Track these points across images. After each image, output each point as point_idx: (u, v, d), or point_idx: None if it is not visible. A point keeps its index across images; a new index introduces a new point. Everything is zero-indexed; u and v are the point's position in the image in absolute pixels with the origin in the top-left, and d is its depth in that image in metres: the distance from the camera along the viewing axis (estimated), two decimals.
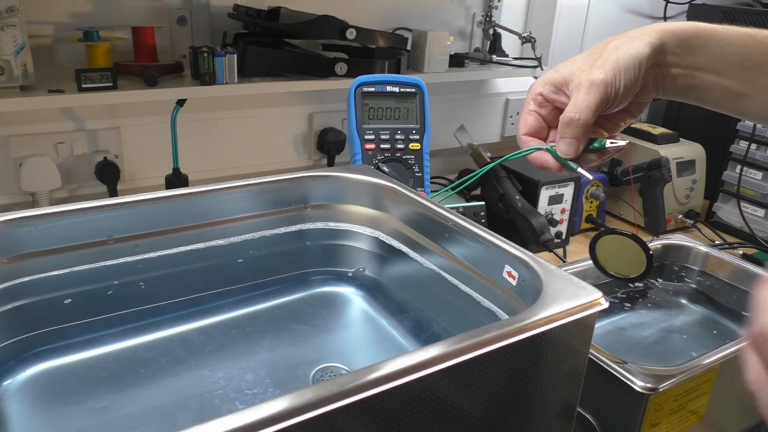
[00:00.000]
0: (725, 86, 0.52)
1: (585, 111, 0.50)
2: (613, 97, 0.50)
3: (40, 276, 0.59)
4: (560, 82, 0.53)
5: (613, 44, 0.51)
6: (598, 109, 0.50)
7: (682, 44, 0.52)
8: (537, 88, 0.54)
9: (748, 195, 1.18)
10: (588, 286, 0.48)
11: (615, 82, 0.50)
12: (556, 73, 0.53)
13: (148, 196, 0.63)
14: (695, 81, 0.53)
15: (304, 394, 0.34)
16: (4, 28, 0.79)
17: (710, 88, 0.52)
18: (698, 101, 0.55)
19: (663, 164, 1.11)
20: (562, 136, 0.52)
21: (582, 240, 1.15)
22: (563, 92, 0.53)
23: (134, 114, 1.00)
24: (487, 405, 0.43)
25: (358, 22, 1.01)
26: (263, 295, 0.72)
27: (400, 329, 0.68)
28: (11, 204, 0.94)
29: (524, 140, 0.55)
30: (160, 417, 0.55)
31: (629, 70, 0.50)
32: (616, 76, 0.49)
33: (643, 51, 0.50)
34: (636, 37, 0.51)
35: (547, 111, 0.55)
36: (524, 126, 0.55)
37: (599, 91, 0.49)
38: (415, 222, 0.68)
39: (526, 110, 0.55)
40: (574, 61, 0.53)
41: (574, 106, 0.50)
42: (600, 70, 0.50)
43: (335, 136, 1.15)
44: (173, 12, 0.98)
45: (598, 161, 0.53)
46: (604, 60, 0.50)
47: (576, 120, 0.50)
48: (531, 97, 0.55)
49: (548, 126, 0.55)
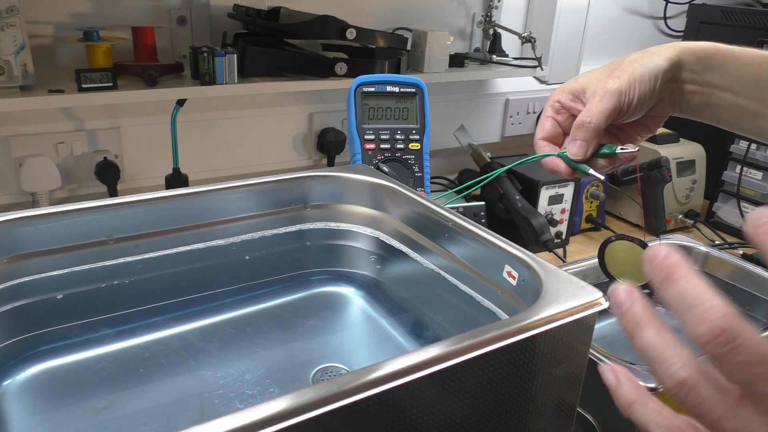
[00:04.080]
0: (741, 105, 0.53)
1: (597, 116, 0.51)
2: (626, 107, 0.52)
3: (40, 276, 0.59)
4: (578, 90, 0.55)
5: (631, 57, 0.53)
6: (611, 116, 0.51)
7: (699, 62, 0.53)
8: (556, 95, 0.57)
9: (748, 195, 1.18)
10: (588, 286, 0.48)
11: (629, 92, 0.51)
12: (574, 82, 0.55)
13: (148, 196, 0.63)
14: (712, 99, 0.54)
15: (304, 394, 0.34)
16: (4, 28, 0.79)
17: (726, 107, 0.54)
18: (714, 120, 0.56)
19: (663, 164, 1.11)
20: (573, 138, 0.53)
21: (582, 240, 1.15)
22: (580, 100, 0.55)
23: (134, 114, 1.00)
24: (487, 405, 0.43)
25: (358, 22, 1.01)
26: (263, 295, 0.72)
27: (400, 329, 0.68)
28: (11, 204, 0.94)
29: (540, 144, 0.57)
30: (160, 417, 0.55)
31: (645, 81, 0.51)
32: (631, 86, 0.51)
33: (661, 65, 0.51)
34: (654, 52, 0.53)
35: (564, 118, 0.56)
36: (541, 131, 0.57)
37: (612, 98, 0.51)
38: (415, 222, 0.68)
39: (544, 116, 0.57)
40: (593, 71, 0.55)
41: (587, 111, 0.52)
42: (616, 79, 0.51)
43: (335, 136, 1.15)
44: (173, 12, 0.98)
45: (609, 168, 0.55)
46: (621, 71, 0.52)
47: (587, 123, 0.52)
48: (549, 104, 0.57)
49: (564, 132, 0.57)
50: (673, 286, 0.27)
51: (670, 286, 0.27)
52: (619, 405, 0.31)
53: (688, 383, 0.27)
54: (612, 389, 0.32)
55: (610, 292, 0.31)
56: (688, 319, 0.26)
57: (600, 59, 1.48)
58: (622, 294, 0.30)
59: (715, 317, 0.25)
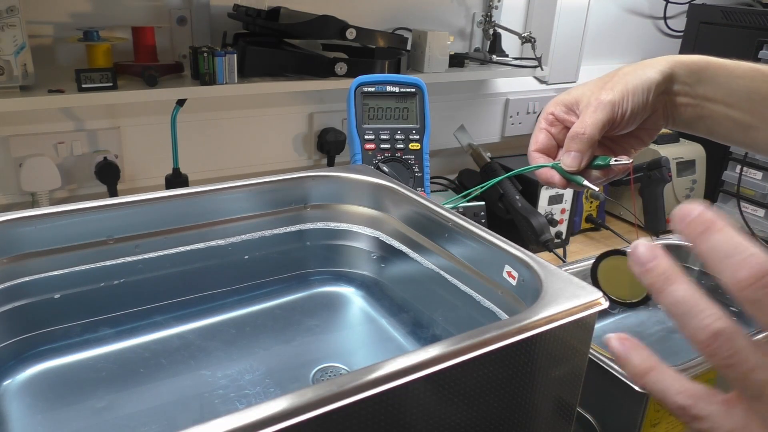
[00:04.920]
0: (734, 118, 0.53)
1: (590, 127, 0.52)
2: (619, 118, 0.52)
3: (40, 276, 0.59)
4: (571, 102, 0.55)
5: (624, 70, 0.53)
6: (604, 127, 0.52)
7: (692, 75, 0.53)
8: (549, 107, 0.57)
9: (748, 195, 1.18)
10: (588, 286, 0.48)
11: (623, 104, 0.51)
12: (567, 95, 0.56)
13: (148, 196, 0.63)
14: (704, 111, 0.54)
15: (304, 394, 0.34)
16: (4, 28, 0.79)
17: (719, 120, 0.54)
18: (707, 133, 0.56)
19: (663, 164, 1.11)
20: (568, 149, 0.54)
21: (582, 240, 1.15)
22: (574, 112, 0.55)
23: (134, 114, 1.00)
24: (487, 405, 0.43)
25: (358, 22, 1.01)
26: (263, 295, 0.72)
27: (400, 329, 0.68)
28: (11, 204, 0.94)
29: (533, 156, 0.57)
30: (160, 417, 0.55)
31: (638, 94, 0.52)
32: (624, 98, 0.51)
33: (654, 77, 0.52)
34: (647, 65, 0.53)
35: (558, 130, 0.57)
36: (535, 143, 0.57)
37: (606, 110, 0.51)
38: (415, 222, 0.68)
39: (538, 128, 0.58)
40: (586, 84, 0.55)
41: (581, 122, 0.53)
42: (609, 91, 0.52)
43: (335, 136, 1.15)
44: (173, 12, 0.98)
45: (604, 180, 0.55)
46: (614, 83, 0.52)
47: (581, 134, 0.52)
48: (543, 116, 0.57)
49: (558, 145, 0.57)
50: (712, 236, 0.27)
51: (709, 237, 0.28)
52: (632, 374, 0.31)
53: (725, 333, 0.27)
54: (622, 358, 0.31)
55: (632, 248, 0.30)
56: (726, 266, 0.27)
57: (600, 59, 1.49)
58: (645, 250, 0.30)
59: (757, 262, 0.26)
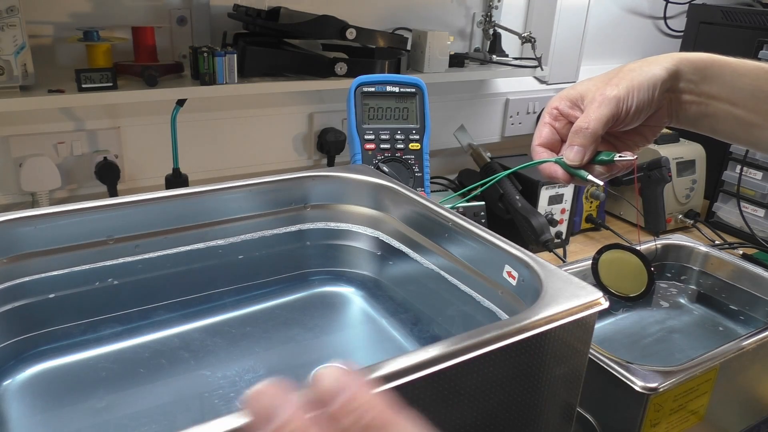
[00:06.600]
0: (738, 116, 0.53)
1: (594, 122, 0.52)
2: (624, 114, 0.52)
3: (40, 276, 0.59)
4: (576, 97, 0.55)
5: (629, 66, 0.53)
6: (609, 122, 0.52)
7: (697, 72, 0.53)
8: (554, 102, 0.57)
9: (748, 195, 1.18)
10: (588, 286, 0.48)
11: (628, 100, 0.51)
12: (572, 90, 0.55)
13: (148, 196, 0.63)
14: (709, 109, 0.54)
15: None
16: (4, 28, 0.79)
17: (723, 118, 0.54)
18: (711, 131, 0.56)
19: (663, 164, 1.11)
20: (571, 144, 0.53)
21: (582, 240, 1.15)
22: (578, 107, 0.55)
23: (134, 114, 1.00)
24: (487, 405, 0.43)
25: (358, 22, 1.01)
26: (263, 295, 0.72)
27: (400, 329, 0.68)
28: (11, 204, 0.94)
29: (537, 151, 0.57)
30: (160, 417, 0.55)
31: (643, 90, 0.51)
32: (629, 93, 0.51)
33: (659, 74, 0.52)
34: (653, 62, 0.53)
35: (562, 125, 0.57)
36: (538, 137, 0.57)
37: (610, 105, 0.51)
38: (415, 222, 0.68)
39: (542, 122, 0.57)
40: (591, 79, 0.55)
41: (585, 117, 0.52)
42: (614, 87, 0.52)
43: (335, 136, 1.15)
44: (173, 12, 0.98)
45: (607, 175, 0.55)
46: (620, 79, 0.52)
47: (585, 129, 0.52)
48: (547, 111, 0.57)
49: (561, 139, 0.57)
50: None
51: None
52: None
53: None
54: None
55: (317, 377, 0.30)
56: None
57: (600, 59, 1.48)
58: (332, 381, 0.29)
59: None
